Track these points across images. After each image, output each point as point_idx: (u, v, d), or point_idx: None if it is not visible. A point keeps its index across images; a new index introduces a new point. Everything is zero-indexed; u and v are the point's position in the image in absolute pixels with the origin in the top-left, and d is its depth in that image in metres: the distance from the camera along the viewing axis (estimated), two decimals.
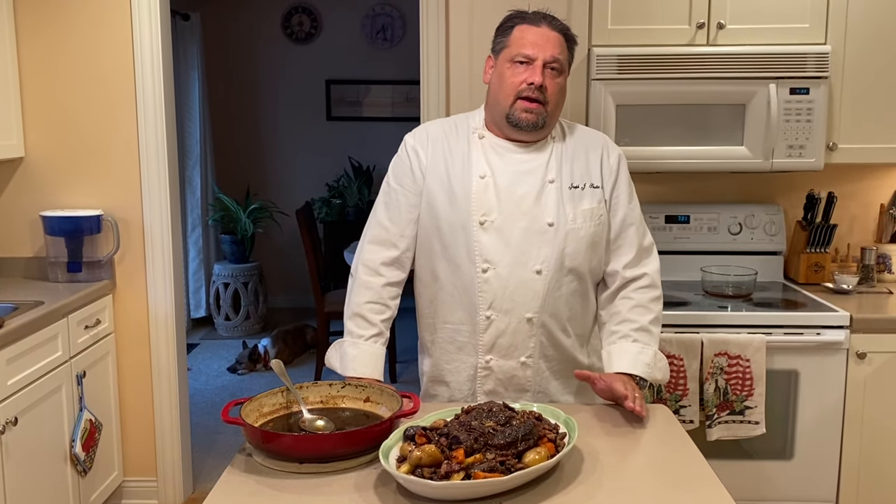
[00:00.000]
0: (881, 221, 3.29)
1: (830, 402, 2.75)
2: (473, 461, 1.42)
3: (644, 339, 1.97)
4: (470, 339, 1.98)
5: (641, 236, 2.04)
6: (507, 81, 1.93)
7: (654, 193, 3.31)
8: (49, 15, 3.18)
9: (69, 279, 3.18)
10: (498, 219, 1.93)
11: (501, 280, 1.92)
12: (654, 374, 1.96)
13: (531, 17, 1.96)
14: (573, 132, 2.06)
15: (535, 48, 1.91)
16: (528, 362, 1.98)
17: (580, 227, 1.95)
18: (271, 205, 6.32)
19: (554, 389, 2.03)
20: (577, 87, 2.94)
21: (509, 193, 1.94)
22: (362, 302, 2.01)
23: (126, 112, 3.23)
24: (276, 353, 5.19)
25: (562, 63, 1.94)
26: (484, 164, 1.97)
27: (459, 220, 1.94)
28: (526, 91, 1.91)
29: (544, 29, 1.93)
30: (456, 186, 1.96)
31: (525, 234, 1.93)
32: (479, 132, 2.02)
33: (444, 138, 2.02)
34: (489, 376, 1.99)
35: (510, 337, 1.96)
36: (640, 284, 2.01)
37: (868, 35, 2.90)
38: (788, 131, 2.88)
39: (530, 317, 1.95)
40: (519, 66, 1.92)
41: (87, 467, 2.98)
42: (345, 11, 6.47)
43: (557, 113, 1.99)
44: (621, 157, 2.06)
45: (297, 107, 6.61)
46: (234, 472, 1.56)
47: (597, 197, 1.98)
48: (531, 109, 1.92)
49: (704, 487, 1.50)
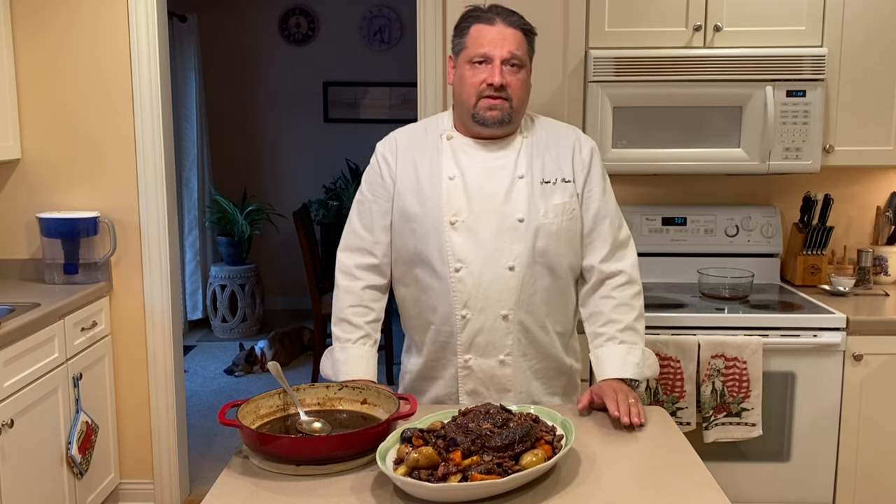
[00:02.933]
0: (877, 223, 3.29)
1: (827, 404, 2.76)
2: (470, 463, 1.42)
3: (631, 339, 1.96)
4: (450, 338, 1.99)
5: (617, 229, 2.03)
6: (468, 82, 1.94)
7: (650, 195, 3.32)
8: (46, 17, 3.18)
9: (65, 281, 3.17)
10: (469, 218, 1.94)
11: (474, 278, 1.93)
12: (644, 373, 1.95)
13: (485, 15, 1.95)
14: (544, 126, 2.06)
15: (491, 46, 1.91)
16: (506, 360, 1.98)
17: (552, 222, 1.95)
18: (268, 207, 6.32)
19: (536, 390, 2.03)
20: (575, 90, 2.95)
21: (479, 192, 1.95)
22: (345, 307, 2.03)
23: (123, 113, 3.23)
24: (273, 355, 5.18)
25: (520, 58, 1.93)
26: (453, 165, 1.98)
27: (430, 222, 1.95)
28: (487, 91, 1.92)
29: (499, 26, 1.92)
30: (426, 189, 1.97)
31: (496, 231, 1.93)
32: (447, 133, 2.03)
33: (414, 144, 2.03)
34: (469, 376, 1.99)
35: (487, 335, 1.96)
36: (619, 282, 2.00)
37: (864, 38, 2.90)
38: (785, 133, 2.88)
39: (505, 314, 1.95)
40: (478, 67, 1.92)
41: (84, 469, 2.98)
42: (342, 13, 6.48)
43: (523, 107, 2.00)
44: (594, 149, 2.05)
45: (294, 108, 6.61)
46: (231, 475, 1.56)
47: (569, 191, 1.98)
48: (495, 106, 1.93)
49: (701, 489, 1.50)
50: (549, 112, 2.92)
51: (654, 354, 2.03)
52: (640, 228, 3.20)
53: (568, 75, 2.93)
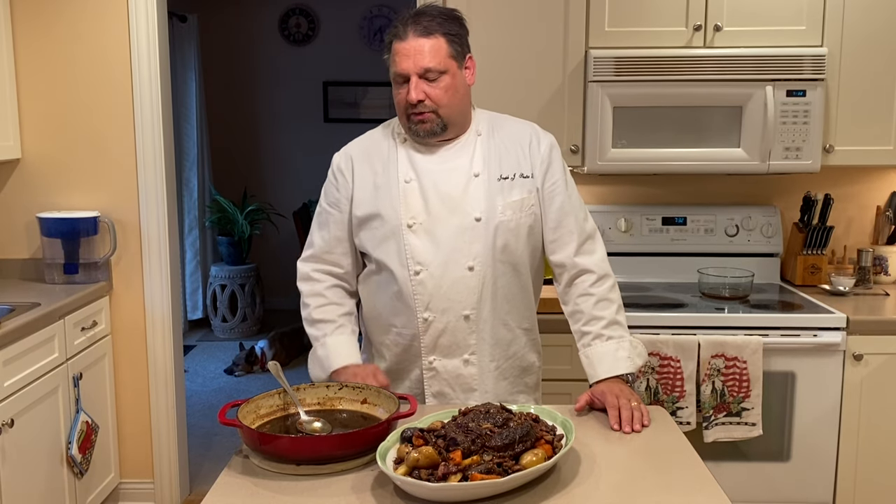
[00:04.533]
0: (877, 223, 3.29)
1: (827, 404, 2.76)
2: (471, 463, 1.42)
3: (617, 333, 1.97)
4: (413, 340, 1.99)
5: (583, 221, 2.02)
6: (396, 100, 1.95)
7: (650, 195, 3.32)
8: (46, 16, 3.18)
9: (66, 281, 3.17)
10: (426, 220, 1.94)
11: (435, 280, 1.93)
12: (636, 363, 1.95)
13: (400, 29, 1.92)
14: (501, 124, 2.05)
15: (405, 65, 1.89)
16: (471, 360, 1.98)
17: (510, 219, 1.95)
18: (268, 206, 6.32)
19: (502, 389, 2.03)
20: (575, 90, 2.95)
21: (436, 192, 1.95)
22: (312, 308, 2.04)
23: (123, 113, 3.23)
24: (273, 355, 5.18)
25: (436, 69, 1.89)
26: (408, 168, 1.98)
27: (389, 226, 1.95)
28: (409, 108, 1.92)
29: (411, 41, 1.89)
30: (383, 194, 1.97)
31: (454, 231, 1.93)
32: (402, 135, 2.02)
33: (370, 151, 2.04)
34: (435, 377, 1.99)
35: (450, 336, 1.96)
36: (593, 278, 1.99)
37: (864, 38, 2.90)
38: (785, 133, 2.88)
39: (467, 314, 1.95)
40: (401, 85, 1.92)
41: (84, 469, 2.98)
42: (342, 13, 6.47)
43: (459, 108, 1.96)
44: (553, 144, 2.04)
45: (294, 108, 6.61)
46: (231, 474, 1.56)
47: (527, 187, 1.98)
48: (423, 120, 1.92)
49: (701, 489, 1.50)
50: (549, 112, 2.93)
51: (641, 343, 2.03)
52: (640, 228, 3.20)
53: (568, 75, 2.93)
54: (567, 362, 2.71)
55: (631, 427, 1.76)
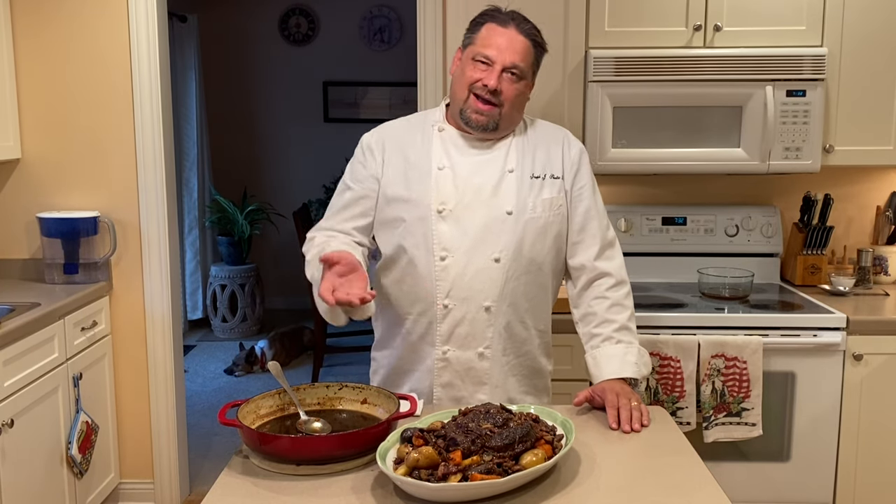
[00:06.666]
0: (877, 223, 3.29)
1: (827, 404, 2.76)
2: (471, 463, 1.42)
3: (627, 338, 1.97)
4: (429, 329, 1.98)
5: (605, 229, 2.05)
6: (465, 75, 1.95)
7: (650, 195, 3.32)
8: (46, 16, 3.18)
9: (66, 281, 3.17)
10: (456, 208, 1.94)
11: (459, 268, 1.93)
12: (641, 371, 1.96)
13: (501, 17, 1.95)
14: (534, 126, 2.08)
15: (496, 50, 1.91)
16: (485, 353, 1.97)
17: (539, 217, 1.96)
18: (268, 206, 6.32)
19: (511, 386, 2.02)
20: (575, 90, 2.95)
21: (468, 183, 1.96)
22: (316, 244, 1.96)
23: (123, 113, 3.23)
24: (273, 355, 5.18)
25: (522, 70, 1.94)
26: (442, 155, 1.99)
27: (418, 211, 1.95)
28: (479, 90, 1.92)
29: (511, 31, 1.93)
30: (414, 179, 1.97)
31: (484, 222, 1.94)
32: (438, 125, 2.04)
33: (403, 135, 2.04)
34: (446, 368, 1.98)
35: (468, 326, 1.96)
36: (610, 283, 2.01)
37: (864, 38, 2.90)
38: (785, 133, 2.88)
39: (488, 305, 1.95)
40: (480, 65, 1.93)
41: (84, 469, 2.98)
42: (342, 13, 6.48)
43: (515, 116, 1.99)
44: (583, 150, 2.08)
45: (294, 108, 6.61)
46: (231, 474, 1.56)
47: (557, 187, 2.00)
48: (482, 111, 1.93)
49: (701, 489, 1.50)
50: (549, 112, 2.93)
51: (648, 353, 2.04)
52: (640, 228, 3.20)
53: (568, 75, 2.93)
54: (568, 362, 2.71)
55: (630, 426, 1.76)
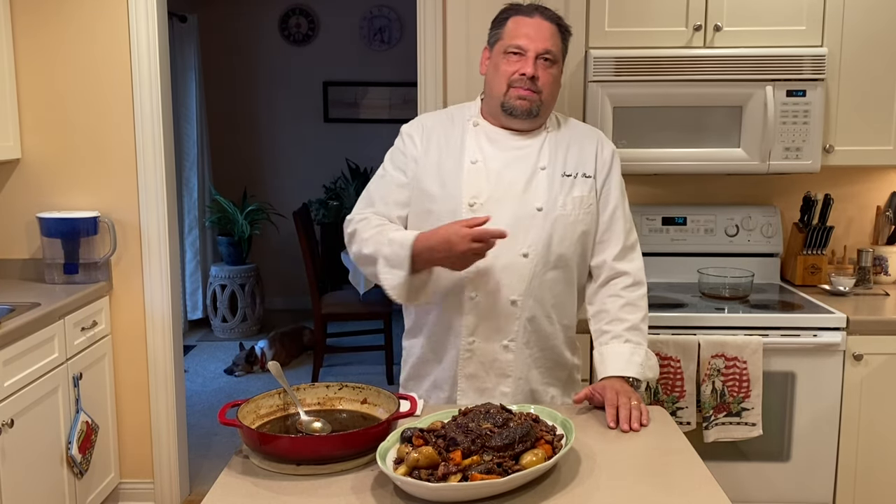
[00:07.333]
0: (877, 223, 3.29)
1: (827, 404, 2.76)
2: (471, 463, 1.42)
3: (636, 339, 1.98)
4: (455, 320, 2.00)
5: (628, 232, 2.07)
6: (501, 70, 1.97)
7: (651, 195, 3.32)
8: (46, 16, 3.18)
9: (66, 281, 3.17)
10: (487, 202, 1.96)
11: (487, 262, 1.92)
12: (646, 374, 1.96)
13: (525, 8, 2.00)
14: (568, 124, 2.11)
15: (527, 39, 1.95)
16: (510, 346, 1.99)
17: (569, 214, 1.98)
18: (268, 206, 6.32)
19: (535, 379, 2.03)
20: (575, 89, 2.95)
21: (500, 177, 1.98)
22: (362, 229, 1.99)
23: (123, 113, 3.23)
24: (273, 355, 5.18)
25: (554, 54, 1.97)
26: (476, 149, 2.01)
27: (450, 204, 1.97)
28: (518, 81, 1.95)
29: (537, 19, 1.97)
30: (447, 172, 2.00)
31: (514, 217, 1.95)
32: (473, 120, 2.06)
33: (439, 127, 2.07)
34: (471, 359, 2.00)
35: (494, 319, 1.97)
36: (627, 282, 2.03)
37: (864, 38, 2.90)
38: (785, 133, 2.88)
39: (515, 299, 1.96)
40: (513, 57, 1.96)
41: (84, 469, 2.98)
42: (342, 13, 6.48)
43: (551, 103, 2.03)
44: (615, 153, 2.10)
45: (294, 108, 6.61)
46: (231, 474, 1.56)
47: (588, 186, 2.02)
48: (525, 97, 1.96)
49: (701, 489, 1.50)
50: None
51: (656, 357, 2.04)
52: (640, 228, 3.20)
53: (568, 75, 2.93)
54: None
55: (629, 425, 1.76)
